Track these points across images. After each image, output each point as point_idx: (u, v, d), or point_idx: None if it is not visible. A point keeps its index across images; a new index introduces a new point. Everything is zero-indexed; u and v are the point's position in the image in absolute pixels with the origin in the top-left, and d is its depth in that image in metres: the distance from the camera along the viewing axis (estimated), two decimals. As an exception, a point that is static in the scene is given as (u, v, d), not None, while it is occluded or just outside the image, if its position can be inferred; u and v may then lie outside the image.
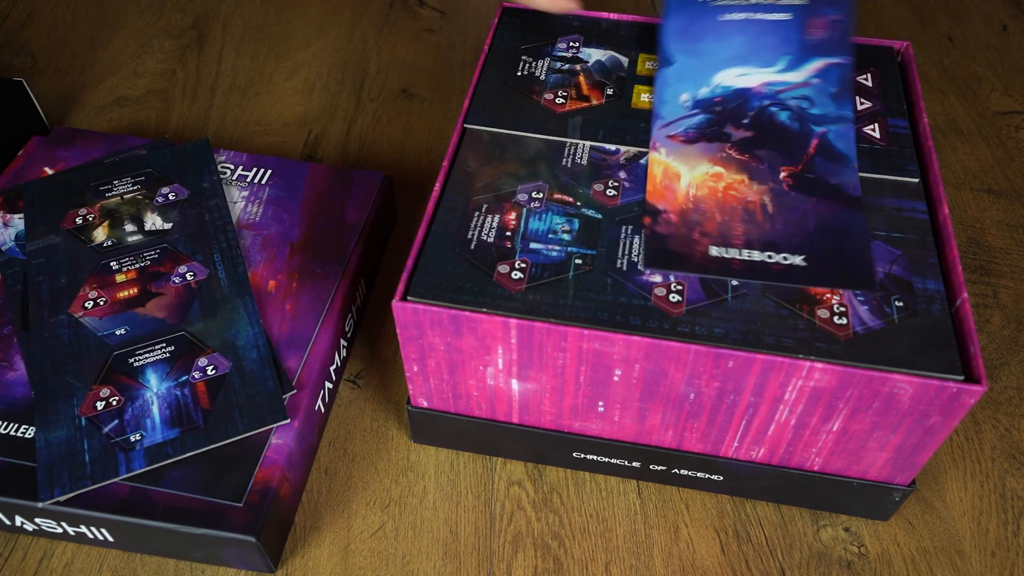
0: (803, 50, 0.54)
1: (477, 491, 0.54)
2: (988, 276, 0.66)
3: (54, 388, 0.51)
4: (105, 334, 0.54)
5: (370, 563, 0.51)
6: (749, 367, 0.43)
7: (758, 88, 0.54)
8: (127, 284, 0.57)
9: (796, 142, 0.52)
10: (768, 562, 0.51)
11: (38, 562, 0.50)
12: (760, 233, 0.48)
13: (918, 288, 0.46)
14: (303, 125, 0.78)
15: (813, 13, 0.54)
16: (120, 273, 0.57)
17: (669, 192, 0.50)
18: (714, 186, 0.50)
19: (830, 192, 0.50)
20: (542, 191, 0.51)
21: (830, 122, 0.52)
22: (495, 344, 0.46)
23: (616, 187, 0.51)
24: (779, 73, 0.54)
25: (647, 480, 0.54)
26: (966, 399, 0.42)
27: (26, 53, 0.85)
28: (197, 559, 0.50)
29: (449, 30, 0.88)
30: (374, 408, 0.58)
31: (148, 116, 0.79)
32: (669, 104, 0.54)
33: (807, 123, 0.52)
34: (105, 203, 0.62)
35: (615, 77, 0.57)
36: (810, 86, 0.53)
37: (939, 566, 0.51)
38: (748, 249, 0.47)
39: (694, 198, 0.50)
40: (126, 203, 0.62)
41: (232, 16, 0.90)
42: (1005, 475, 0.55)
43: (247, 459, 0.49)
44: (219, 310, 0.55)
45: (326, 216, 0.63)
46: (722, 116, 0.53)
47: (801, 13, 0.54)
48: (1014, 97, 0.81)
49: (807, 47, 0.54)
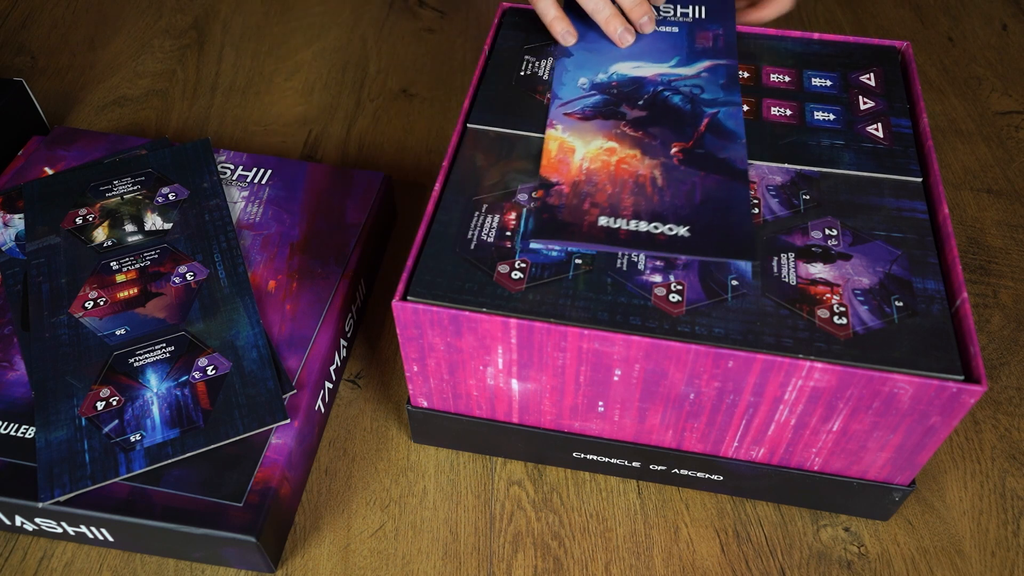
0: (692, 54, 0.58)
1: (477, 491, 0.54)
2: (988, 276, 0.66)
3: (54, 388, 0.51)
4: (105, 334, 0.54)
5: (370, 563, 0.51)
6: (749, 367, 0.43)
7: (652, 77, 0.57)
8: (127, 284, 0.57)
9: (688, 120, 0.54)
10: (768, 562, 0.51)
11: (38, 562, 0.50)
12: (648, 205, 0.49)
13: (918, 288, 0.46)
14: (303, 125, 0.78)
15: (698, 29, 0.60)
16: (120, 273, 0.57)
17: (563, 166, 0.52)
18: (607, 160, 0.52)
19: (718, 166, 0.51)
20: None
21: (720, 104, 0.55)
22: (495, 344, 0.46)
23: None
24: (671, 68, 0.57)
25: (647, 480, 0.54)
26: (966, 399, 0.42)
27: (26, 53, 0.85)
28: (197, 559, 0.50)
29: (449, 30, 0.88)
30: (374, 408, 0.58)
31: (148, 116, 0.79)
32: (568, 87, 0.56)
33: (698, 105, 0.55)
34: (105, 203, 0.62)
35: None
36: (700, 78, 0.56)
37: (939, 566, 0.51)
38: (636, 220, 0.48)
39: (587, 171, 0.51)
40: (126, 203, 0.62)
41: (232, 16, 0.90)
42: (1005, 475, 0.55)
43: (247, 459, 0.49)
44: (219, 310, 0.55)
45: (326, 216, 0.63)
46: (618, 97, 0.55)
47: (687, 28, 0.60)
48: (1014, 97, 0.81)
49: (695, 52, 0.58)
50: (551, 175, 0.51)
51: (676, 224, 0.48)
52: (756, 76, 0.58)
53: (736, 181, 0.50)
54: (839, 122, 0.55)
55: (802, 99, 0.56)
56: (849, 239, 0.48)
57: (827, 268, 0.47)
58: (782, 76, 0.58)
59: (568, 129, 0.53)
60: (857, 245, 0.48)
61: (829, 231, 0.49)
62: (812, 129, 0.54)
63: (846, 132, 0.54)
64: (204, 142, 0.66)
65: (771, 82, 0.57)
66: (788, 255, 0.48)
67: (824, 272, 0.47)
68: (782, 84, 0.57)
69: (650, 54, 0.58)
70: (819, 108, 0.56)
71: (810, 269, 0.47)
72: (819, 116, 0.55)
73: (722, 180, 0.50)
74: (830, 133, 0.54)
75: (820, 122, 0.55)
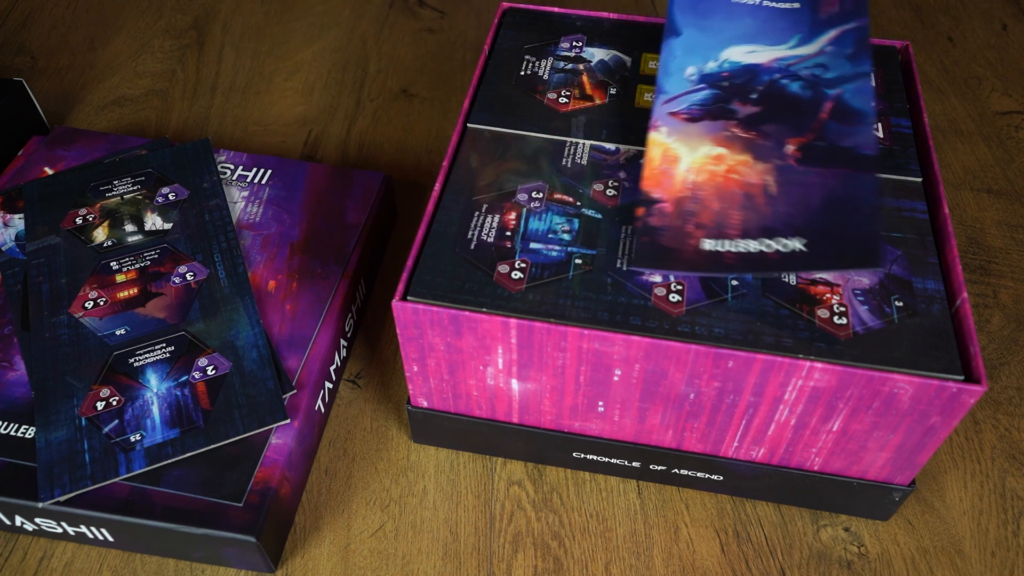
0: (816, 25, 0.51)
1: (477, 491, 0.54)
2: (988, 276, 0.66)
3: (54, 388, 0.51)
4: (105, 334, 0.54)
5: (370, 563, 0.51)
6: (749, 367, 0.43)
7: (768, 63, 0.51)
8: (127, 284, 0.57)
9: (807, 110, 0.49)
10: (768, 562, 0.51)
11: (38, 562, 0.50)
12: (759, 219, 0.46)
13: (918, 288, 0.46)
14: (303, 125, 0.78)
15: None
16: (120, 273, 0.57)
17: (666, 178, 0.48)
18: (715, 170, 0.48)
19: (842, 157, 0.47)
20: (542, 191, 0.51)
21: (847, 81, 0.49)
22: (495, 344, 0.46)
23: (616, 187, 0.51)
24: (790, 49, 0.51)
25: (647, 480, 0.54)
26: (966, 399, 0.42)
27: (26, 53, 0.85)
28: (197, 559, 0.50)
29: (449, 30, 0.88)
30: (374, 408, 0.58)
31: (148, 116, 0.79)
32: (674, 77, 0.52)
33: (820, 88, 0.49)
34: (105, 203, 0.62)
35: (618, 77, 0.57)
36: (824, 54, 0.50)
37: (939, 566, 0.51)
38: (744, 239, 0.45)
39: (692, 184, 0.47)
40: (126, 203, 0.62)
41: (232, 16, 0.90)
42: (1005, 475, 0.55)
43: (247, 459, 0.49)
44: (219, 310, 0.55)
45: (326, 216, 0.63)
46: (729, 92, 0.51)
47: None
48: (1014, 97, 0.81)
49: (819, 22, 0.51)
50: (653, 189, 0.47)
51: (789, 237, 0.44)
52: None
53: (862, 172, 0.46)
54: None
55: (802, 99, 0.56)
56: (849, 239, 0.48)
57: (827, 268, 0.47)
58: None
59: (673, 132, 0.49)
60: (857, 245, 0.48)
61: (829, 231, 0.49)
62: (812, 129, 0.54)
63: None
64: (204, 142, 0.66)
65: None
66: (788, 255, 0.47)
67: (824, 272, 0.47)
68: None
69: (767, 34, 0.52)
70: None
71: (810, 269, 0.47)
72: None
73: (846, 174, 0.46)
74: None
75: (820, 122, 0.55)
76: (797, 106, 0.49)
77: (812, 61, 0.50)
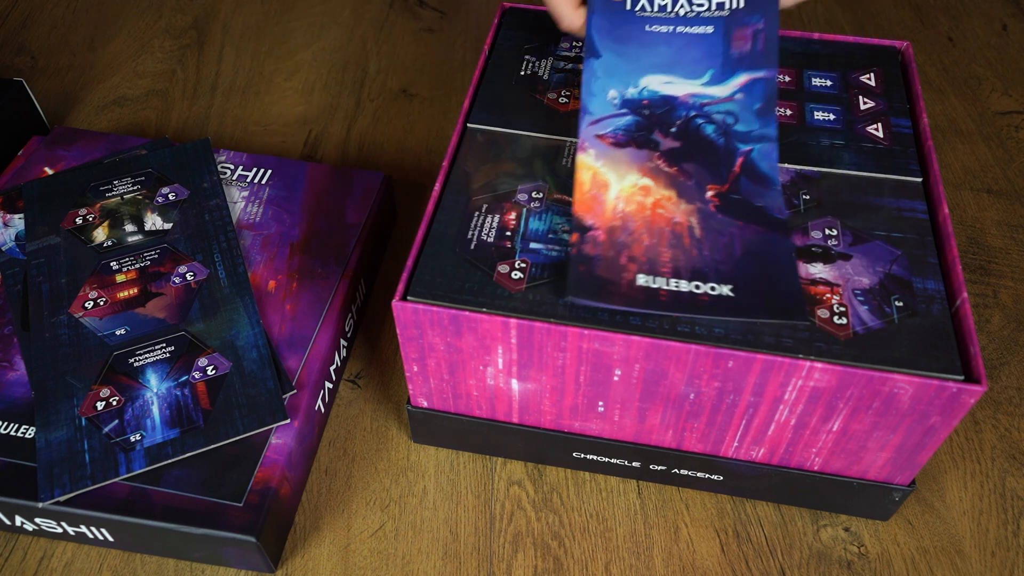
0: (727, 64, 0.51)
1: (477, 491, 0.54)
2: (988, 276, 0.66)
3: (54, 388, 0.51)
4: (105, 334, 0.54)
5: (370, 563, 0.51)
6: (749, 367, 0.43)
7: (684, 98, 0.52)
8: (127, 284, 0.57)
9: (722, 158, 0.49)
10: (768, 562, 0.51)
11: (38, 562, 0.50)
12: (688, 260, 0.46)
13: (918, 288, 0.46)
14: (303, 125, 0.78)
15: (736, 24, 0.52)
16: (120, 273, 0.57)
17: (597, 204, 0.47)
18: (642, 201, 0.48)
19: (756, 215, 0.47)
20: (542, 191, 0.51)
21: (754, 140, 0.50)
22: (495, 344, 0.46)
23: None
24: (704, 86, 0.51)
25: (647, 480, 0.54)
26: (966, 399, 0.42)
27: (26, 53, 0.85)
28: (197, 559, 0.50)
29: (449, 30, 0.88)
30: (374, 408, 0.58)
31: (148, 116, 0.79)
32: (598, 98, 0.52)
33: (732, 139, 0.50)
34: (105, 203, 0.62)
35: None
36: (735, 101, 0.51)
37: (939, 566, 0.51)
38: (676, 278, 0.45)
39: (622, 214, 0.47)
40: (126, 203, 0.62)
41: (232, 16, 0.90)
42: (1005, 475, 0.55)
43: (247, 459, 0.49)
44: (219, 310, 0.55)
45: (326, 216, 0.63)
46: (650, 121, 0.51)
47: (724, 25, 0.52)
48: (1014, 97, 0.81)
49: (731, 61, 0.51)
50: (585, 216, 0.47)
51: (719, 282, 0.44)
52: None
53: (776, 232, 0.47)
54: (839, 122, 0.55)
55: (802, 99, 0.56)
56: (849, 239, 0.48)
57: (827, 268, 0.47)
58: (782, 76, 0.58)
59: (601, 156, 0.49)
60: (857, 245, 0.48)
61: (829, 231, 0.49)
62: (812, 129, 0.54)
63: (846, 132, 0.54)
64: (204, 142, 0.66)
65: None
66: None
67: (824, 272, 0.47)
68: (782, 84, 0.57)
69: (682, 65, 0.52)
70: (819, 108, 0.56)
71: (810, 269, 0.47)
72: (819, 116, 0.55)
73: (761, 232, 0.47)
74: (830, 133, 0.54)
75: (820, 122, 0.55)
76: (713, 151, 0.50)
77: (724, 107, 0.50)
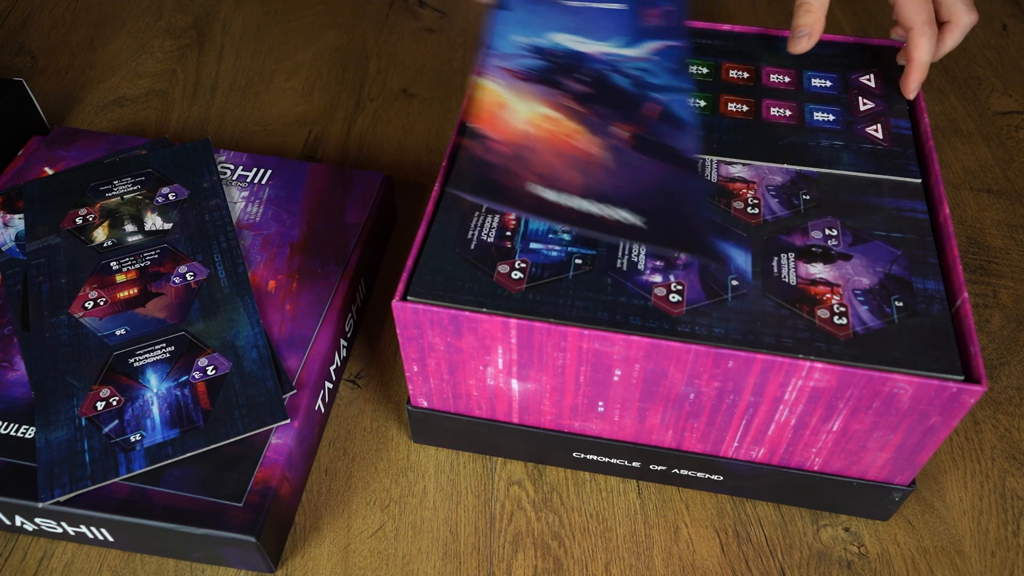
0: (638, 33, 0.52)
1: (477, 491, 0.54)
2: (988, 276, 0.66)
3: (54, 388, 0.51)
4: (105, 334, 0.54)
5: (370, 563, 0.51)
6: (749, 367, 0.43)
7: (595, 54, 0.51)
8: (127, 284, 0.57)
9: (635, 103, 0.49)
10: (768, 562, 0.51)
11: (38, 562, 0.50)
12: (598, 185, 0.45)
13: (918, 288, 0.46)
14: (303, 125, 0.78)
15: (647, 4, 0.53)
16: (120, 273, 0.57)
17: (500, 122, 0.46)
18: (552, 129, 0.46)
19: (669, 155, 0.47)
20: (542, 191, 0.51)
21: (671, 91, 0.50)
22: (495, 344, 0.46)
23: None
24: (617, 48, 0.51)
25: (647, 480, 0.54)
26: (966, 399, 0.42)
27: (26, 53, 0.85)
28: (197, 559, 0.50)
29: (449, 30, 0.88)
30: (374, 408, 0.58)
31: (148, 116, 0.79)
32: (505, 40, 0.51)
33: (646, 90, 0.50)
34: (105, 203, 0.62)
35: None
36: (649, 61, 0.50)
37: (939, 566, 0.51)
38: (583, 198, 0.45)
39: (527, 136, 0.46)
40: (126, 203, 0.62)
41: (232, 16, 0.90)
42: (1005, 475, 0.55)
43: (247, 459, 0.49)
44: (219, 310, 0.55)
45: (326, 216, 0.63)
46: (559, 67, 0.50)
47: (636, 3, 0.53)
48: (1014, 97, 0.81)
49: (642, 31, 0.52)
50: (485, 127, 0.46)
51: (630, 212, 0.45)
52: (756, 76, 0.58)
53: (689, 172, 0.47)
54: (839, 123, 0.55)
55: (802, 99, 0.56)
56: (849, 239, 0.48)
57: (827, 268, 0.47)
58: (782, 76, 0.58)
59: (505, 85, 0.48)
60: (857, 245, 0.48)
61: (829, 231, 0.49)
62: (812, 129, 0.54)
63: (846, 133, 0.54)
64: (204, 142, 0.66)
65: (771, 82, 0.57)
66: (788, 255, 0.48)
67: (824, 272, 0.47)
68: (782, 84, 0.57)
69: (592, 31, 0.52)
70: (819, 108, 0.56)
71: (810, 269, 0.47)
72: (819, 116, 0.55)
73: (676, 171, 0.47)
74: (830, 134, 0.54)
75: (820, 122, 0.55)
76: (627, 98, 0.49)
77: (638, 64, 0.50)
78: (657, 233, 0.44)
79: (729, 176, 0.52)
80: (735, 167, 0.52)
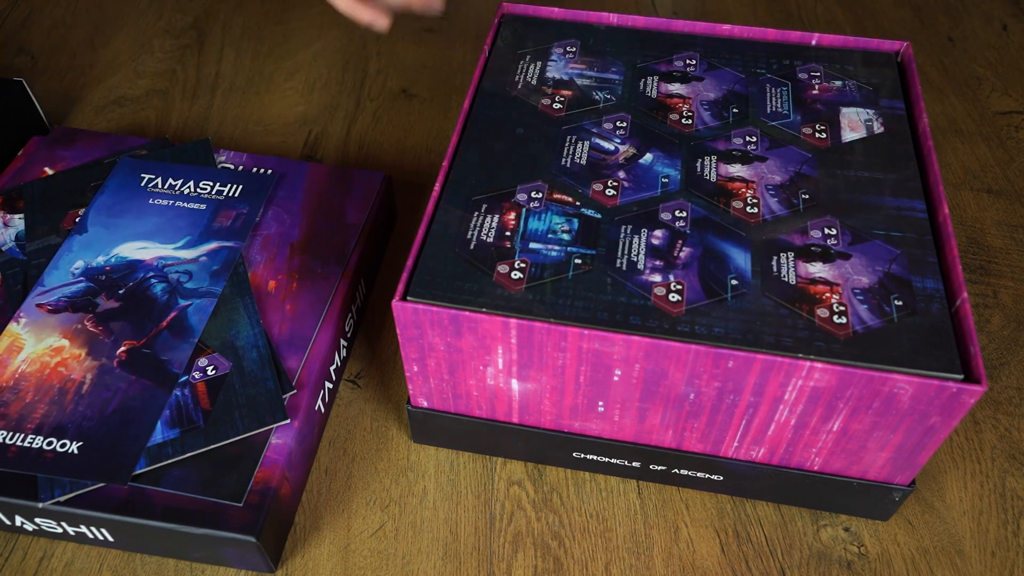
0: (204, 234, 0.58)
1: (477, 491, 0.54)
2: (988, 276, 0.66)
3: (54, 388, 0.52)
4: (105, 334, 0.54)
5: (370, 563, 0.51)
6: (749, 367, 0.43)
7: (150, 261, 0.56)
8: (127, 284, 0.57)
9: (156, 315, 0.53)
10: (768, 562, 0.51)
11: (38, 562, 0.50)
12: (58, 417, 0.49)
13: (918, 287, 0.46)
14: (303, 125, 0.78)
15: (226, 207, 0.60)
16: (120, 273, 0.57)
17: (1, 368, 0.51)
18: (48, 362, 0.51)
19: (154, 370, 0.51)
20: (541, 191, 0.51)
21: (198, 296, 0.54)
22: (495, 344, 0.46)
23: (615, 187, 0.51)
24: (176, 250, 0.57)
25: (647, 480, 0.54)
26: (966, 399, 0.42)
27: (26, 53, 0.85)
28: (197, 559, 0.50)
29: (449, 30, 0.88)
30: (374, 408, 0.58)
31: (148, 116, 0.79)
32: (60, 272, 0.56)
33: (175, 296, 0.54)
34: (105, 203, 0.62)
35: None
36: (196, 263, 0.56)
37: (939, 566, 0.51)
38: (35, 435, 0.48)
39: (20, 375, 0.50)
40: (126, 203, 0.62)
41: (232, 16, 0.90)
42: (1005, 475, 0.55)
43: (247, 459, 0.49)
44: (219, 310, 0.55)
45: (326, 216, 0.63)
46: (102, 286, 0.55)
47: (215, 205, 0.60)
48: (1014, 97, 0.81)
49: (209, 232, 0.58)
50: None
51: (72, 439, 0.48)
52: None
53: (160, 388, 0.50)
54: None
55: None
56: (848, 238, 0.48)
57: (827, 267, 0.47)
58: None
59: (30, 324, 0.53)
60: (856, 244, 0.48)
61: (828, 230, 0.49)
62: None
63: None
64: (204, 142, 0.66)
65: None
66: (788, 254, 0.48)
67: (824, 271, 0.47)
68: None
69: (165, 233, 0.58)
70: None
71: (810, 268, 0.47)
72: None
73: (147, 387, 0.50)
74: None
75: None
76: (150, 309, 0.53)
77: (184, 267, 0.55)
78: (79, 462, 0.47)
79: (728, 176, 0.52)
80: (734, 167, 0.52)
